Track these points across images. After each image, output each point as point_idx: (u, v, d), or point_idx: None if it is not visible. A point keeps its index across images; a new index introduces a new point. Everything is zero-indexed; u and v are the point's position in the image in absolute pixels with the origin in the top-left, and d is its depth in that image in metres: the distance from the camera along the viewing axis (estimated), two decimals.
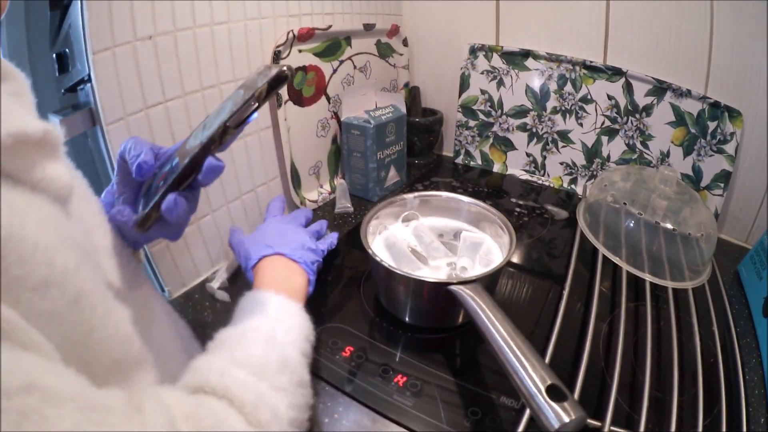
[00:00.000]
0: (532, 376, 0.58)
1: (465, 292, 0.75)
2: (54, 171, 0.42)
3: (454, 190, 1.33)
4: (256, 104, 0.54)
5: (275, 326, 0.65)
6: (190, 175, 0.55)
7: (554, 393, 0.55)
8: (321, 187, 1.36)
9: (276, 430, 0.52)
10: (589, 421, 0.72)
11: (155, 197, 0.56)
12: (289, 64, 0.56)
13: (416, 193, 1.04)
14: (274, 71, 0.55)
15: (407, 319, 0.90)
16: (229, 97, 0.58)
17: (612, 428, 0.70)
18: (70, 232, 0.43)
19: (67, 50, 0.79)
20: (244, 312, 0.68)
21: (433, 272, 0.91)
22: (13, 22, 0.81)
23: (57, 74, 0.81)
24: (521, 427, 0.70)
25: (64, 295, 0.38)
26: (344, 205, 1.30)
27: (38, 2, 0.80)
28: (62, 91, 0.82)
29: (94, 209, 0.58)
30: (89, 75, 0.76)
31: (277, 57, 1.09)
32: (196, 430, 0.43)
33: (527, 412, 0.72)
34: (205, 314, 0.94)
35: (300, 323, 0.70)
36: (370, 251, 0.86)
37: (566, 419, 0.52)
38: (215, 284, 1.00)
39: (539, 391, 0.56)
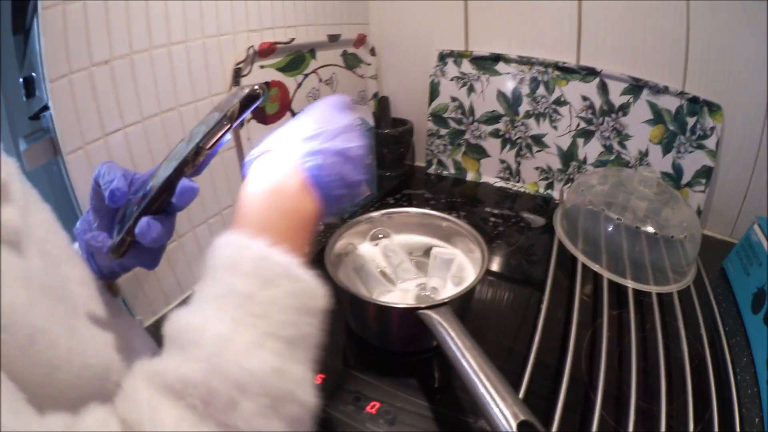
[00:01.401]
0: (503, 412, 0.55)
1: (433, 318, 0.72)
2: (5, 215, 0.41)
3: (426, 201, 1.31)
4: (228, 125, 0.53)
5: (239, 318, 0.43)
6: (163, 197, 0.53)
7: (527, 430, 0.52)
8: None
9: None
10: None
11: (129, 222, 0.54)
12: (262, 83, 0.53)
13: (384, 211, 1.02)
14: (245, 90, 0.54)
15: (378, 343, 0.88)
16: (202, 120, 0.57)
17: None
18: (22, 270, 0.41)
19: (33, 74, 0.77)
20: (204, 279, 0.48)
21: (402, 295, 0.88)
22: None
23: (25, 99, 0.79)
24: None
25: (14, 338, 0.36)
26: None
27: (5, 24, 0.78)
28: (27, 118, 0.80)
29: (61, 242, 0.54)
30: (48, 103, 0.75)
31: (237, 74, 1.07)
32: None
33: None
34: None
35: (291, 293, 0.46)
36: (335, 280, 0.83)
37: None
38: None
39: (510, 428, 0.53)
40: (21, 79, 0.78)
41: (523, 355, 0.83)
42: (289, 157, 0.56)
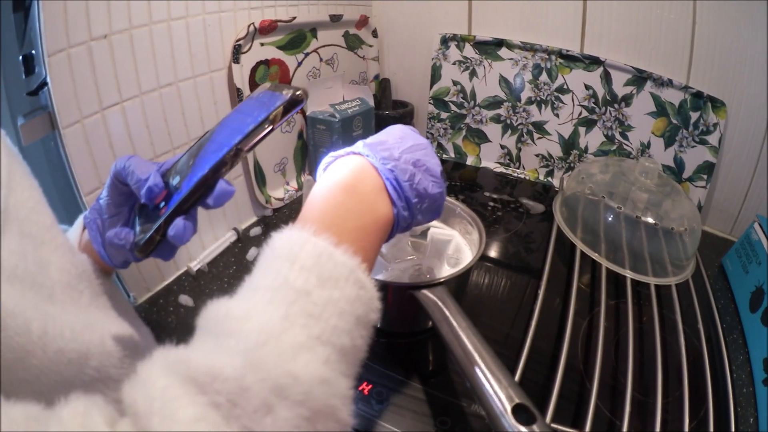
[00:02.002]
0: (497, 394, 0.53)
1: (428, 297, 0.70)
2: None
3: None
4: (270, 127, 0.51)
5: (289, 316, 0.39)
6: (198, 198, 0.51)
7: (522, 414, 0.50)
8: (287, 184, 1.32)
9: None
10: (568, 429, 0.69)
11: (159, 220, 0.52)
12: (304, 88, 0.52)
13: None
14: (289, 93, 0.52)
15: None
16: (235, 115, 0.55)
17: None
18: None
19: (33, 52, 0.76)
20: (255, 270, 0.45)
21: (398, 275, 0.86)
22: None
23: (24, 77, 0.78)
24: None
25: None
26: None
27: (6, 3, 0.77)
28: (25, 94, 0.79)
29: (45, 221, 0.53)
30: (46, 77, 0.74)
31: (237, 51, 1.06)
32: None
33: None
34: (169, 320, 0.91)
35: (350, 299, 0.43)
36: None
37: None
38: (194, 265, 1.00)
39: (505, 411, 0.51)
40: (20, 57, 0.77)
41: (518, 341, 0.82)
42: (367, 158, 0.55)
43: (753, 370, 0.82)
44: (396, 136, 0.60)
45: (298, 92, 0.51)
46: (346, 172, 0.53)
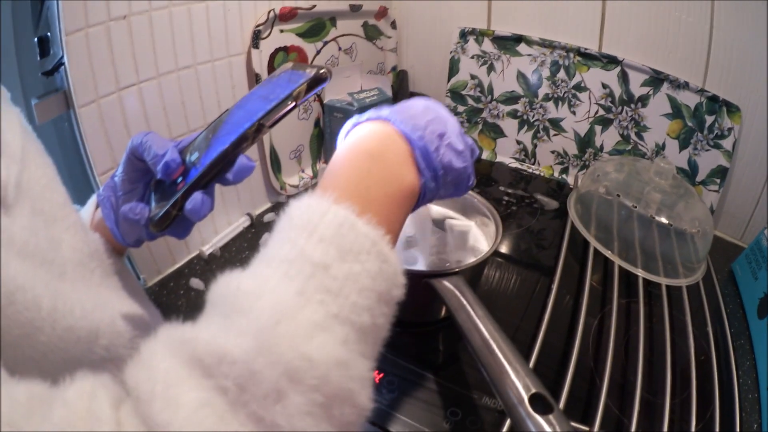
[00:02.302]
0: (514, 384, 0.52)
1: (445, 286, 0.70)
2: None
3: None
4: (293, 104, 0.50)
5: (305, 292, 0.37)
6: (217, 173, 0.50)
7: (539, 403, 0.50)
8: (303, 171, 1.32)
9: None
10: (577, 425, 0.69)
11: (176, 195, 0.51)
12: (328, 66, 0.51)
13: None
14: (313, 71, 0.51)
15: None
16: (257, 92, 0.55)
17: None
18: (2, 232, 0.39)
19: (48, 33, 0.77)
20: (270, 241, 0.42)
21: (414, 263, 0.87)
22: (1, 7, 0.78)
23: (39, 58, 0.79)
24: (504, 431, 0.67)
25: None
26: None
27: None
28: (40, 74, 0.79)
29: (58, 200, 0.53)
30: (63, 57, 0.74)
31: (257, 37, 1.06)
32: None
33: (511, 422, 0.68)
34: (179, 303, 0.92)
35: (374, 274, 0.40)
36: None
37: None
38: (206, 248, 1.00)
39: (522, 400, 0.50)
40: (35, 39, 0.77)
41: (530, 336, 0.83)
42: (396, 125, 0.51)
43: (759, 376, 0.82)
44: (420, 107, 0.55)
45: (322, 70, 0.50)
46: (372, 138, 0.50)
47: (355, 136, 0.51)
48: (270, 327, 0.34)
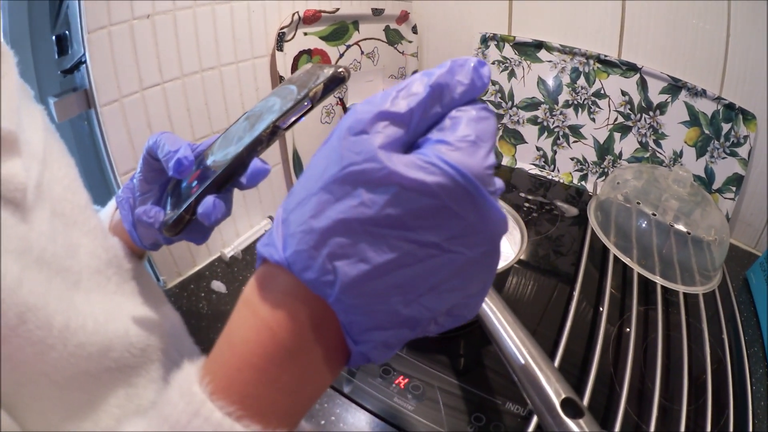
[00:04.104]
0: (546, 389, 0.53)
1: None
2: (8, 170, 0.39)
3: None
4: (310, 105, 0.48)
5: None
6: (231, 176, 0.49)
7: (570, 408, 0.51)
8: None
9: None
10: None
11: (189, 199, 0.50)
12: (346, 66, 0.49)
13: None
14: (330, 71, 0.49)
15: None
16: (273, 94, 0.52)
17: None
18: (21, 239, 0.39)
19: (66, 32, 0.77)
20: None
21: None
22: (16, 6, 0.80)
23: (57, 56, 0.79)
24: None
25: (4, 316, 0.34)
26: None
27: None
28: (59, 72, 0.80)
29: (79, 201, 0.52)
30: (84, 55, 0.74)
31: (281, 39, 1.07)
32: None
33: (534, 420, 0.69)
34: (200, 305, 0.92)
35: None
36: None
37: None
38: (228, 251, 1.00)
39: (554, 405, 0.51)
40: (53, 37, 0.78)
41: (551, 342, 0.84)
42: (320, 294, 0.30)
43: None
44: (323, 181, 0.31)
45: (339, 69, 0.48)
46: (283, 328, 0.31)
47: (258, 313, 0.32)
48: None
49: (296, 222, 0.30)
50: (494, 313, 0.65)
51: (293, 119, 0.47)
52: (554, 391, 0.53)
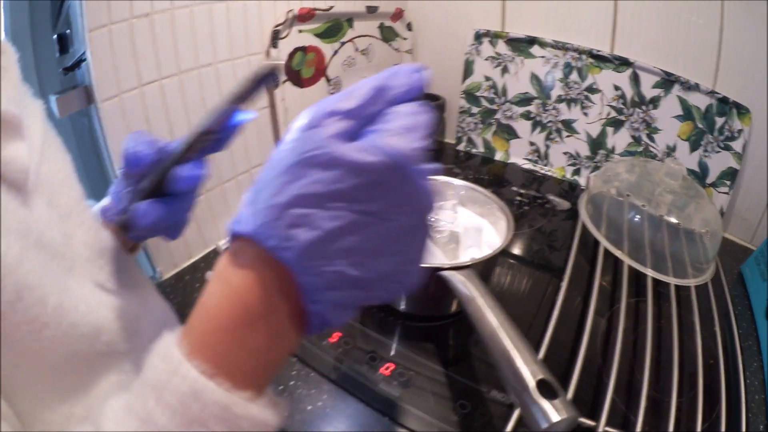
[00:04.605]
0: (521, 370, 0.54)
1: (456, 278, 0.72)
2: (10, 153, 0.40)
3: (454, 176, 1.31)
4: (238, 104, 0.48)
5: None
6: (162, 182, 0.50)
7: (545, 389, 0.51)
8: None
9: None
10: (584, 420, 0.70)
11: (132, 203, 0.52)
12: (277, 62, 0.50)
13: None
14: (257, 69, 0.48)
15: (399, 305, 0.88)
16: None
17: (607, 429, 0.68)
18: (21, 222, 0.40)
19: (68, 30, 0.78)
20: (133, 387, 0.39)
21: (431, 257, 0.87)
22: (17, 5, 0.81)
23: (58, 55, 0.81)
24: (511, 424, 0.68)
25: (3, 292, 0.35)
26: None
27: None
28: (61, 69, 0.81)
29: (74, 194, 0.53)
30: (85, 53, 0.75)
31: (275, 36, 1.08)
32: None
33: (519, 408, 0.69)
34: (195, 296, 0.90)
35: None
36: None
37: (556, 418, 0.48)
38: (222, 243, 1.01)
39: (529, 386, 0.52)
40: (55, 36, 0.79)
41: (539, 333, 0.83)
42: (284, 263, 0.35)
43: (766, 378, 0.83)
44: (347, 182, 0.34)
45: (264, 66, 0.47)
46: (251, 293, 0.36)
47: (229, 281, 0.37)
48: None
49: (261, 201, 0.36)
50: (476, 298, 0.66)
51: (221, 122, 0.48)
52: (530, 372, 0.53)
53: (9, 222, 0.38)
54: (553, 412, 0.49)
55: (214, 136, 0.49)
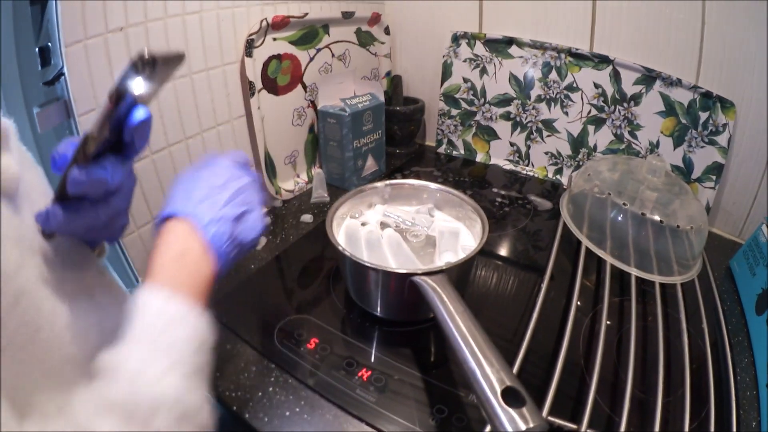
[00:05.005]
0: (488, 377, 0.53)
1: (427, 284, 0.71)
2: (4, 162, 0.42)
3: (435, 180, 1.30)
4: (111, 105, 0.49)
5: (152, 352, 0.50)
6: (62, 188, 0.51)
7: (512, 397, 0.51)
8: (298, 176, 1.34)
9: None
10: (565, 423, 0.68)
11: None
12: (146, 49, 0.49)
13: (387, 181, 1.02)
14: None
15: (376, 311, 0.87)
16: None
17: (589, 431, 0.66)
18: (16, 229, 0.43)
19: (49, 44, 0.79)
20: (127, 323, 0.52)
21: (406, 264, 0.87)
22: (3, 17, 0.80)
23: (40, 68, 0.81)
24: (488, 429, 0.67)
25: (3, 297, 0.38)
26: (321, 194, 1.28)
27: None
28: (42, 83, 0.82)
29: (43, 193, 0.57)
30: (63, 67, 0.77)
31: (250, 45, 1.08)
32: None
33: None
34: None
35: (191, 335, 0.54)
36: (333, 241, 0.83)
37: (522, 427, 0.47)
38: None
39: (494, 394, 0.51)
40: (36, 49, 0.79)
41: (520, 333, 0.82)
42: (193, 222, 0.59)
43: (757, 374, 0.82)
44: (218, 183, 0.63)
45: (131, 59, 0.48)
46: (176, 243, 0.58)
47: (164, 240, 0.58)
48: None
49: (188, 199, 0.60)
50: (444, 303, 0.65)
51: (101, 124, 0.49)
52: (497, 379, 0.53)
53: (6, 229, 0.41)
54: (519, 420, 0.48)
55: (97, 139, 0.50)
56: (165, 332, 0.50)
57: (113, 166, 0.53)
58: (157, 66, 0.50)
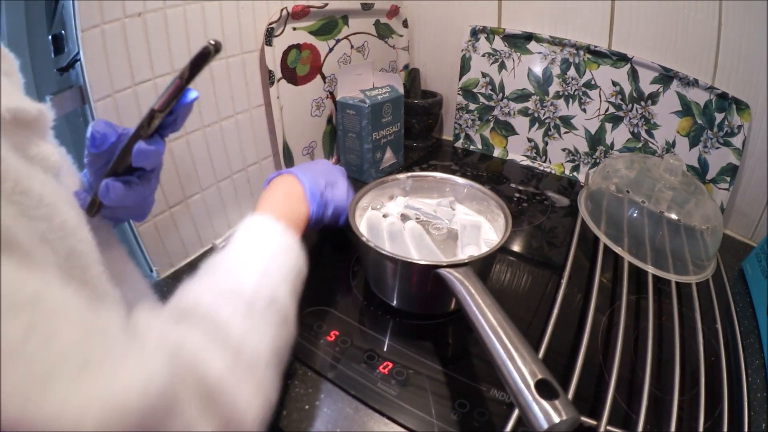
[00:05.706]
0: (520, 370, 0.53)
1: (454, 276, 0.71)
2: (46, 149, 0.44)
3: (452, 174, 1.31)
4: (180, 84, 0.54)
5: (269, 263, 0.65)
6: (123, 161, 0.56)
7: (545, 389, 0.51)
8: None
9: (254, 369, 0.52)
10: (585, 419, 0.68)
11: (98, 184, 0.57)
12: (217, 39, 0.53)
13: (409, 173, 1.02)
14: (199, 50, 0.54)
15: (396, 303, 0.87)
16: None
17: (608, 428, 0.67)
18: (65, 195, 0.44)
19: (63, 31, 0.79)
20: (243, 237, 0.69)
21: (429, 256, 0.87)
22: (14, 7, 0.81)
23: (53, 55, 0.81)
24: (510, 424, 0.67)
25: (59, 250, 0.40)
26: None
27: None
28: (56, 70, 0.81)
29: (76, 184, 0.61)
30: (79, 53, 0.76)
31: (270, 34, 1.07)
32: (177, 365, 0.43)
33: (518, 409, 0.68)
34: None
35: (295, 259, 0.70)
36: (356, 231, 0.83)
37: (556, 419, 0.48)
38: (219, 242, 1.04)
39: (528, 386, 0.51)
40: (50, 37, 0.79)
41: (539, 331, 0.83)
42: (298, 177, 0.88)
43: (767, 375, 0.82)
44: (319, 167, 0.95)
45: (206, 45, 0.53)
46: (285, 185, 0.86)
47: (277, 183, 0.87)
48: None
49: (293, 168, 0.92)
50: (473, 296, 0.65)
51: (165, 99, 0.54)
52: (529, 371, 0.53)
53: (61, 197, 0.42)
54: (553, 412, 0.48)
55: (166, 115, 0.55)
56: (280, 253, 0.68)
57: (160, 142, 0.58)
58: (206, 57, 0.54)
